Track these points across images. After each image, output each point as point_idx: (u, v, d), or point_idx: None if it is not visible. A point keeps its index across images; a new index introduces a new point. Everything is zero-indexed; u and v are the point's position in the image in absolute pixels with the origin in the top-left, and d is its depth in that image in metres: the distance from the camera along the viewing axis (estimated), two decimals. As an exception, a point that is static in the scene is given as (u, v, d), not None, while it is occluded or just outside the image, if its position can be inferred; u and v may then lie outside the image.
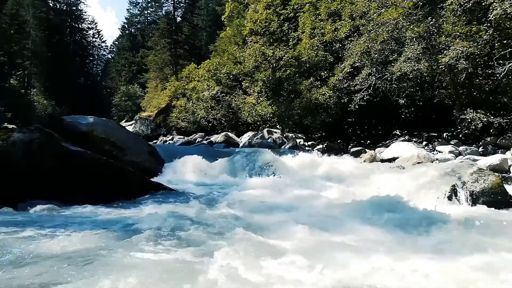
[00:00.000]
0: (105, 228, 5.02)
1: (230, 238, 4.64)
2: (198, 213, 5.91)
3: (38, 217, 5.68)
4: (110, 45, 66.17)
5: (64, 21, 47.06)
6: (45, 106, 22.75)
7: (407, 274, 3.56)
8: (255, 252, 4.14)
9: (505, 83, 12.66)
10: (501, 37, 12.37)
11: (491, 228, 5.29)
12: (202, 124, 26.07)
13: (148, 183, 8.24)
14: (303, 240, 4.61)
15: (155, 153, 11.67)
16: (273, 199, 7.51)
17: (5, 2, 26.58)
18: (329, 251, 4.23)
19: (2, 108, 12.50)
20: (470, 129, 12.99)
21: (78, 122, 11.44)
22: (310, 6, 20.40)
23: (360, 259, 3.90)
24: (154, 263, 3.81)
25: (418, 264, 3.80)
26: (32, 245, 4.26)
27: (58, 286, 3.28)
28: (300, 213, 6.12)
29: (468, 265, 3.78)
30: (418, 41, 13.81)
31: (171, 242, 4.50)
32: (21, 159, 6.56)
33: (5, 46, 18.86)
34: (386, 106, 16.03)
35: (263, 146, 16.62)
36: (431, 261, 3.92)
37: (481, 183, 6.71)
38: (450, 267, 3.72)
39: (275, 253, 4.11)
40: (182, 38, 42.63)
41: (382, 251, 4.24)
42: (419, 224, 5.41)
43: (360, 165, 11.15)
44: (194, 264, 3.78)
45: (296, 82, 18.12)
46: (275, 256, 4.02)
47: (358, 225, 5.41)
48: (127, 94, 45.03)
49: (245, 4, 28.31)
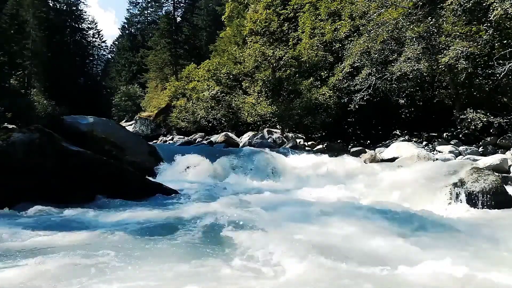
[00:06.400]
0: (105, 228, 5.01)
1: (229, 238, 4.64)
2: (197, 213, 5.91)
3: (38, 217, 5.67)
4: (110, 45, 66.25)
5: (64, 21, 46.96)
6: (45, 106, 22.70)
7: (407, 273, 3.55)
8: (255, 252, 4.14)
9: (505, 83, 12.65)
10: (501, 37, 12.36)
11: (491, 228, 5.29)
12: (202, 124, 26.06)
13: (148, 183, 8.23)
14: (304, 240, 4.61)
15: (155, 153, 11.67)
16: (273, 199, 7.51)
17: (5, 2, 26.55)
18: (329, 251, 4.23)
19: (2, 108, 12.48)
20: (470, 129, 12.99)
21: (78, 122, 11.45)
22: (310, 6, 20.39)
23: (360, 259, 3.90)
24: (154, 263, 3.81)
25: (418, 264, 3.80)
26: (31, 246, 4.26)
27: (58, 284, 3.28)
28: (300, 213, 6.12)
29: (468, 265, 3.78)
30: (418, 41, 13.79)
31: (171, 242, 4.50)
32: (21, 159, 6.56)
33: (5, 46, 18.83)
34: (386, 106, 16.02)
35: (263, 146, 16.62)
36: (431, 261, 3.91)
37: (481, 183, 6.70)
38: (450, 267, 3.72)
39: (275, 253, 4.11)
40: (182, 38, 42.60)
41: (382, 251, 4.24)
42: (418, 224, 5.41)
43: (360, 165, 11.14)
44: (194, 264, 3.77)
45: (296, 82, 18.11)
46: (275, 255, 4.02)
47: (358, 225, 5.40)
48: (127, 94, 44.99)
49: (245, 4, 28.29)
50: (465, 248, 4.33)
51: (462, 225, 5.39)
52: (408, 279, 3.47)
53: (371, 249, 4.33)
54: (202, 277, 3.47)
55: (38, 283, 3.32)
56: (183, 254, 4.06)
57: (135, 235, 4.71)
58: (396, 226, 5.29)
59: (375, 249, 4.33)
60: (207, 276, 3.49)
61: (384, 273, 3.56)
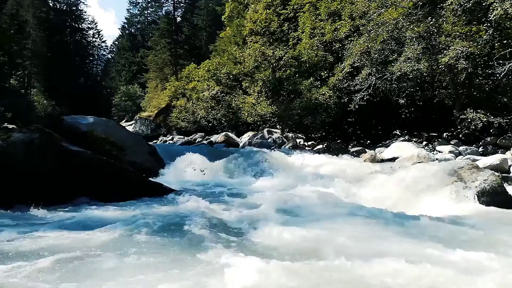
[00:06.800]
0: (104, 228, 5.01)
1: (229, 238, 4.64)
2: (197, 213, 5.91)
3: (37, 217, 5.68)
4: (110, 45, 66.15)
5: (64, 21, 46.96)
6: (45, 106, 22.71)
7: (407, 273, 3.55)
8: (254, 252, 4.14)
9: (505, 83, 12.66)
10: (501, 37, 12.37)
11: (491, 228, 5.29)
12: (202, 124, 26.09)
13: (148, 183, 8.23)
14: (304, 240, 4.61)
15: (155, 153, 11.67)
16: (273, 199, 7.50)
17: (5, 2, 26.57)
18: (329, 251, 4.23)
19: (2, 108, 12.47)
20: (470, 129, 12.99)
21: (78, 122, 11.46)
22: (310, 6, 20.40)
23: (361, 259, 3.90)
24: (153, 262, 3.81)
25: (418, 264, 3.80)
26: (30, 245, 4.26)
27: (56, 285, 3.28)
28: (300, 213, 6.12)
29: (468, 265, 3.78)
30: (418, 41, 13.80)
31: (170, 242, 4.50)
32: (21, 159, 6.56)
33: (5, 46, 18.82)
34: (386, 106, 16.03)
35: (263, 146, 16.63)
36: (431, 260, 3.91)
37: (481, 183, 6.70)
38: (450, 266, 3.72)
39: (275, 253, 4.11)
40: (182, 38, 42.63)
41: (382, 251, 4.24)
42: (418, 224, 5.41)
43: (360, 165, 11.14)
44: (194, 264, 3.77)
45: (296, 82, 18.12)
46: (275, 255, 4.02)
47: (358, 224, 5.40)
48: (127, 94, 45.03)
49: (245, 4, 28.29)
50: (465, 248, 4.33)
51: (462, 225, 5.38)
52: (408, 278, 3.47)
53: (370, 249, 4.32)
54: (201, 276, 3.47)
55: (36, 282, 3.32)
56: (183, 254, 4.06)
57: (134, 235, 4.71)
58: (396, 226, 5.28)
59: (375, 249, 4.32)
60: (206, 275, 3.49)
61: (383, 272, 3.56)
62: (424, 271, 3.60)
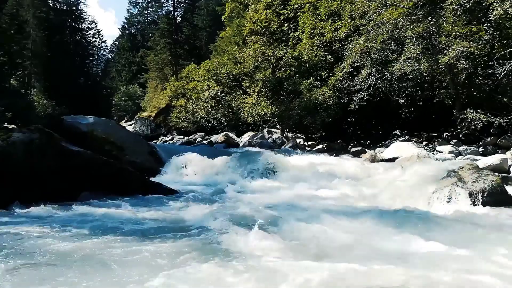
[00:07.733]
0: (104, 228, 5.02)
1: (229, 238, 4.63)
2: (196, 213, 5.91)
3: (37, 217, 5.68)
4: (110, 45, 66.05)
5: (64, 21, 46.91)
6: (45, 106, 22.66)
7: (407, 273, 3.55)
8: (254, 252, 4.14)
9: (505, 83, 12.65)
10: (501, 37, 12.37)
11: (491, 228, 5.29)
12: (202, 124, 26.07)
13: (148, 182, 8.24)
14: (303, 240, 4.61)
15: (155, 153, 11.69)
16: (273, 199, 7.51)
17: (5, 2, 26.53)
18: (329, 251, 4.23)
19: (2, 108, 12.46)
20: (470, 129, 12.98)
21: (78, 122, 11.47)
22: (310, 6, 20.39)
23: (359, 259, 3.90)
24: (153, 262, 3.81)
25: (418, 264, 3.80)
26: (29, 245, 4.26)
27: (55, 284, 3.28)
28: (300, 213, 6.12)
29: (468, 265, 3.78)
30: (418, 41, 13.79)
31: (170, 241, 4.50)
32: (21, 159, 6.56)
33: (5, 46, 18.80)
34: (386, 106, 16.03)
35: (263, 146, 16.63)
36: (430, 261, 3.91)
37: (481, 183, 6.70)
38: (450, 266, 3.72)
39: (275, 253, 4.11)
40: (182, 38, 42.59)
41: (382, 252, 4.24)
42: (418, 224, 5.41)
43: (360, 165, 11.14)
44: (193, 264, 3.77)
45: (296, 82, 18.11)
46: (275, 255, 4.02)
47: (358, 224, 5.40)
48: (127, 94, 45.00)
49: (245, 4, 28.28)
50: (465, 248, 4.33)
51: (462, 225, 5.39)
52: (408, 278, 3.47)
53: (370, 248, 4.33)
54: (201, 276, 3.47)
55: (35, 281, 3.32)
56: (182, 254, 4.06)
57: (133, 235, 4.71)
58: (396, 226, 5.28)
59: (374, 248, 4.33)
60: (205, 275, 3.48)
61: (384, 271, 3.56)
62: (424, 271, 3.60)
